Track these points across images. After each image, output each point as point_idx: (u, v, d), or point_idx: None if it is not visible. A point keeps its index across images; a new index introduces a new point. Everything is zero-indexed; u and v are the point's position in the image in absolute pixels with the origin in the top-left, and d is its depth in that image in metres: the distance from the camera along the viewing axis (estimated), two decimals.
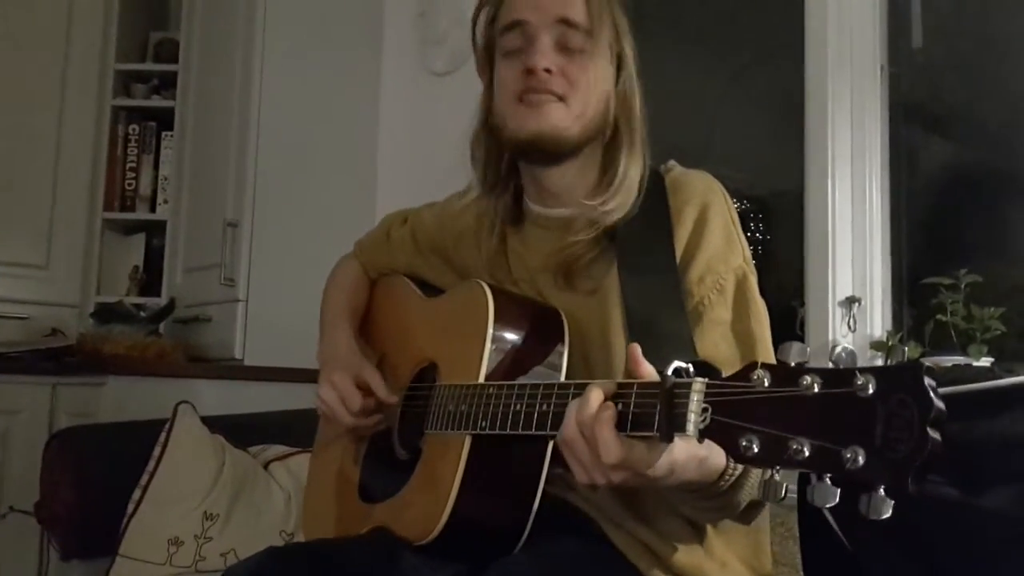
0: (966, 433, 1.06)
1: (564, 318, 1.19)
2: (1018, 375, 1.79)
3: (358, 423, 1.36)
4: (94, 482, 2.01)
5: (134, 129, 3.29)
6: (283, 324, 2.62)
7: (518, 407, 1.06)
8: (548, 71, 1.19)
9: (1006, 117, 1.99)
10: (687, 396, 0.85)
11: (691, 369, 0.87)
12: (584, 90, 1.21)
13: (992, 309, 1.82)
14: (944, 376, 1.79)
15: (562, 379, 1.16)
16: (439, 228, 1.45)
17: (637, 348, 0.96)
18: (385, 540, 1.20)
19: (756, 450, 0.77)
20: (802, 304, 2.03)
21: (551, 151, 1.22)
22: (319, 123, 2.85)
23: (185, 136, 3.12)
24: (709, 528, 1.19)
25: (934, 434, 0.69)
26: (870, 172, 2.00)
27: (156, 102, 3.29)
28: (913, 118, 2.05)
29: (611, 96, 1.24)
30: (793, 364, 0.77)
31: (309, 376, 2.41)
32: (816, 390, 0.75)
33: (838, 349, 0.75)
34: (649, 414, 0.89)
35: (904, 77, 2.04)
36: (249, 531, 1.97)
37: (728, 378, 0.83)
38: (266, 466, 2.12)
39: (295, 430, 2.16)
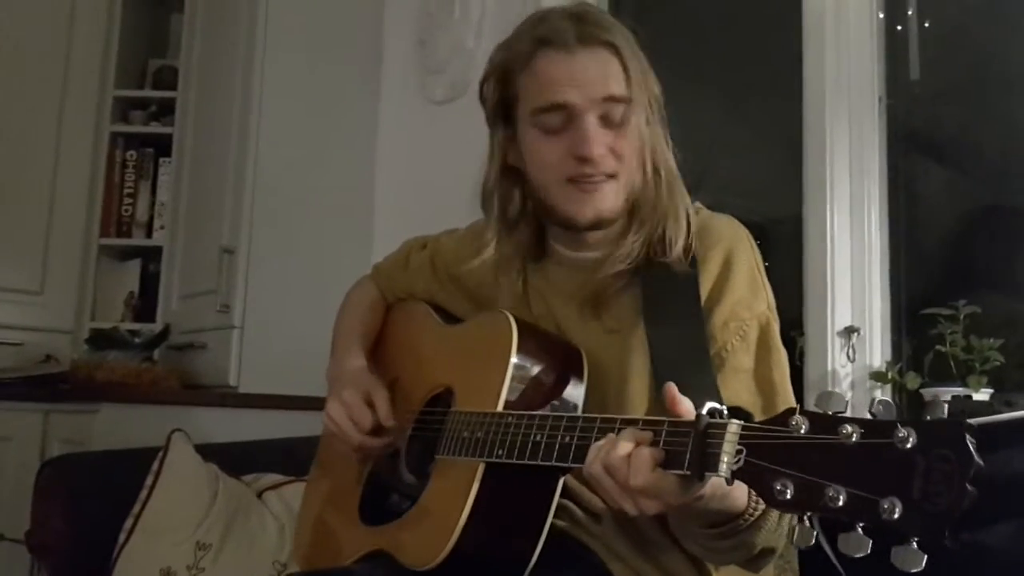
0: None
1: (584, 357, 1.20)
2: (1017, 408, 1.78)
3: (365, 443, 1.34)
4: (86, 511, 1.98)
5: (131, 155, 3.29)
6: (278, 351, 2.62)
7: (538, 437, 1.05)
8: (600, 155, 1.20)
9: (1003, 147, 2.00)
10: (721, 436, 0.85)
11: (725, 411, 0.88)
12: (629, 161, 1.21)
13: (991, 340, 1.81)
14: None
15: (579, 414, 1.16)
16: (457, 258, 1.44)
17: (674, 387, 0.95)
18: (386, 569, 1.18)
19: (790, 495, 0.77)
20: (801, 334, 2.02)
21: (605, 226, 1.24)
22: (317, 150, 2.85)
23: (183, 162, 3.11)
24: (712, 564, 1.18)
25: (972, 489, 0.69)
26: (869, 202, 2.00)
27: (154, 128, 3.29)
28: (911, 148, 2.06)
29: (649, 149, 1.24)
30: (831, 413, 0.77)
31: (304, 404, 2.41)
32: (855, 439, 0.75)
33: (876, 401, 0.76)
34: (680, 452, 0.89)
35: (902, 108, 2.05)
36: (242, 561, 1.95)
37: (765, 422, 0.83)
38: (260, 495, 2.09)
39: (290, 458, 2.14)
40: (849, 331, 1.97)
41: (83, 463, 2.13)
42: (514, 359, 1.16)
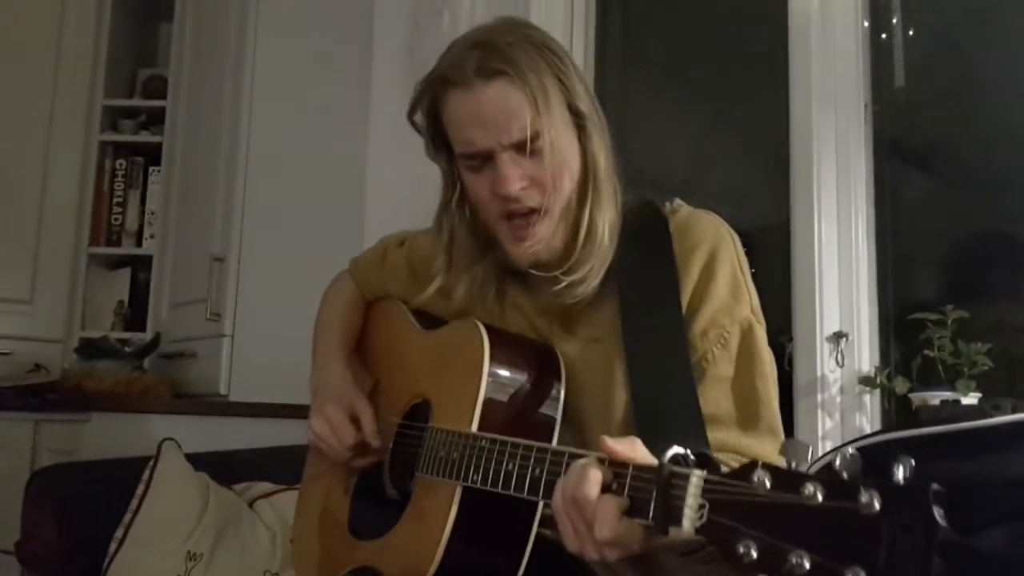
0: (957, 473, 1.05)
1: (560, 357, 1.19)
2: (1005, 412, 1.79)
3: (350, 458, 1.34)
4: (76, 521, 1.97)
5: (121, 164, 3.29)
6: (269, 360, 2.60)
7: (510, 466, 1.03)
8: (521, 189, 1.15)
9: (988, 152, 2.01)
10: (684, 488, 0.82)
11: (690, 456, 0.86)
12: (558, 185, 1.16)
13: (979, 344, 1.82)
14: (935, 414, 1.79)
15: (558, 419, 1.16)
16: (434, 259, 1.40)
17: (607, 442, 0.92)
18: None
19: (754, 556, 0.75)
20: (790, 339, 2.03)
21: (550, 263, 1.20)
22: (307, 158, 2.85)
23: (172, 171, 3.11)
24: None
25: (939, 560, 0.67)
26: (855, 208, 2.01)
27: (143, 137, 3.29)
28: (897, 154, 2.07)
29: (578, 165, 1.18)
30: (795, 466, 0.76)
31: (295, 412, 2.39)
32: (819, 500, 0.73)
33: (842, 453, 0.73)
34: (645, 500, 0.86)
35: (887, 114, 2.06)
36: (233, 571, 1.94)
37: (727, 475, 0.81)
38: (251, 504, 2.09)
39: (281, 467, 2.14)
40: (838, 336, 1.98)
41: (73, 473, 2.13)
42: (486, 370, 1.15)
